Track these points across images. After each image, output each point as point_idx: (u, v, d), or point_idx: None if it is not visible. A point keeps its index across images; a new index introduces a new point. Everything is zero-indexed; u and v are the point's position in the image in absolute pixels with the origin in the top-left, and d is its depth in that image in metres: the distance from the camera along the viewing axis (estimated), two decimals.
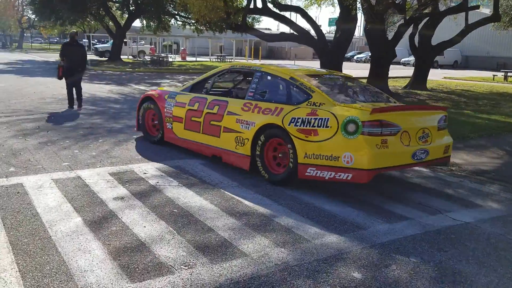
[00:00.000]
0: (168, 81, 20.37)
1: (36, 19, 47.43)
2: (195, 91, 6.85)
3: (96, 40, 63.95)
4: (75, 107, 10.77)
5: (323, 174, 4.96)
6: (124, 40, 38.77)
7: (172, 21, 35.21)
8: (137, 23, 41.87)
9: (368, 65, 20.80)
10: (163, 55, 36.34)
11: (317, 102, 5.17)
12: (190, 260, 3.43)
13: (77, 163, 5.96)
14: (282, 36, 20.18)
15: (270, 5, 18.91)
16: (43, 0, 31.95)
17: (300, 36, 18.64)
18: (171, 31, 37.45)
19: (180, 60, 40.70)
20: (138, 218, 4.19)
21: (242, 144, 5.74)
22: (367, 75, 17.50)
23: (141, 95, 8.16)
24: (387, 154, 4.79)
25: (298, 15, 18.84)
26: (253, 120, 5.62)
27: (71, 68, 10.34)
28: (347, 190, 5.34)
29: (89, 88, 15.33)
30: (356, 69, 33.79)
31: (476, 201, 5.25)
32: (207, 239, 3.81)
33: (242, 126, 5.75)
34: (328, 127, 4.89)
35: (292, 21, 19.07)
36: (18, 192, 4.73)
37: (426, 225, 4.38)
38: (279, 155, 5.49)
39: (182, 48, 46.38)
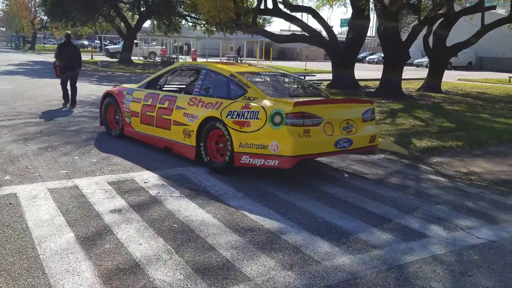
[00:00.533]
0: None
1: (48, 20, 47.61)
2: (150, 88, 7.34)
3: (108, 41, 64.26)
4: (68, 105, 11.25)
5: (255, 162, 5.45)
6: (135, 41, 38.76)
7: (183, 22, 35.05)
8: (148, 24, 41.88)
9: (380, 66, 20.35)
10: (173, 56, 36.25)
11: (251, 97, 5.69)
12: (187, 284, 3.12)
13: (76, 171, 5.70)
14: (292, 37, 19.83)
15: (281, 6, 18.61)
16: (55, 1, 31.97)
17: (311, 37, 18.29)
18: (182, 32, 37.26)
19: (191, 61, 40.54)
20: (134, 234, 3.89)
21: (189, 136, 6.23)
22: (379, 77, 17.09)
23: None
24: (309, 142, 5.28)
25: (310, 16, 18.47)
26: (197, 113, 6.11)
27: (67, 66, 10.90)
28: (361, 204, 5.00)
29: (96, 90, 15.15)
30: (368, 70, 33.32)
31: (499, 215, 4.87)
32: (207, 260, 3.49)
33: (188, 119, 6.24)
34: (258, 119, 5.39)
35: (303, 22, 18.73)
36: (10, 203, 4.47)
37: (447, 244, 4.02)
38: (220, 145, 5.94)
39: (193, 49, 46.26)
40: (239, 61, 42.06)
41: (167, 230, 4.03)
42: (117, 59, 35.16)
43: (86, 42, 74.67)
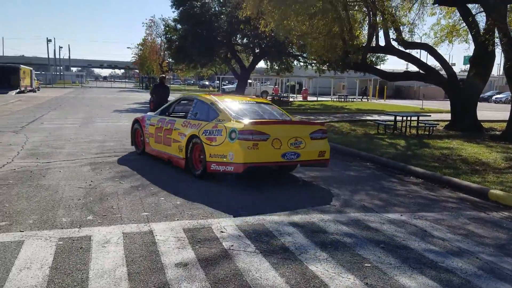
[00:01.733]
0: None
1: (173, 62, 51.85)
2: (161, 114, 9.24)
3: (227, 82, 67.94)
4: None
5: (219, 168, 7.00)
6: (249, 81, 40.21)
7: (295, 62, 35.51)
8: (262, 64, 43.30)
9: (508, 106, 18.05)
10: (283, 95, 36.67)
11: (221, 119, 7.33)
12: None
13: (156, 214, 5.51)
14: (406, 75, 18.63)
15: (394, 43, 17.65)
16: (178, 45, 34.74)
17: (427, 74, 16.93)
18: (294, 72, 37.77)
19: (301, 100, 40.69)
20: None
21: (181, 150, 7.92)
22: (507, 118, 15.03)
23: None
24: (257, 153, 6.74)
25: (425, 52, 17.20)
26: (185, 132, 7.86)
27: (159, 103, 12.11)
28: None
29: None
30: (495, 110, 30.11)
31: None
32: None
33: (181, 137, 7.98)
34: (221, 135, 7.02)
35: (418, 59, 17.51)
36: (81, 248, 4.35)
37: None
38: (201, 156, 7.43)
39: (304, 88, 46.51)
40: (363, 100, 41.20)
41: None
42: None
43: (207, 83, 79.97)
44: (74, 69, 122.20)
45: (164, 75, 14.13)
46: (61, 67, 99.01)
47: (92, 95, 42.46)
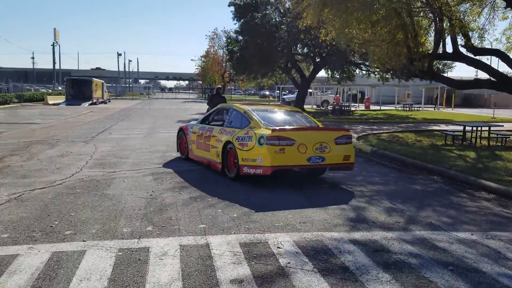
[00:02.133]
0: None
1: (234, 73, 52.72)
2: (202, 123, 10.19)
3: (287, 91, 68.01)
4: None
5: (250, 171, 7.70)
6: (309, 90, 39.91)
7: (357, 70, 34.79)
8: (323, 73, 42.85)
9: None
10: (345, 104, 36.00)
11: (252, 126, 8.11)
12: None
13: (214, 226, 5.49)
14: (477, 83, 17.54)
15: (462, 49, 16.71)
16: (239, 56, 35.25)
17: (499, 82, 15.88)
18: (355, 80, 36.99)
19: (364, 109, 39.73)
20: None
21: (218, 155, 8.70)
22: None
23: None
24: (284, 157, 7.42)
25: (496, 59, 16.15)
26: (221, 139, 8.64)
27: None
28: None
29: None
30: None
31: None
32: None
33: (218, 143, 8.76)
34: (251, 141, 7.75)
35: (489, 66, 16.47)
36: (139, 259, 4.39)
37: None
38: (234, 160, 8.13)
39: (366, 97, 45.42)
40: (435, 109, 39.79)
41: None
42: None
43: (267, 92, 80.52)
44: (142, 81, 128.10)
45: (220, 86, 14.57)
46: (130, 80, 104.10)
47: (158, 106, 44.05)
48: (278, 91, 64.85)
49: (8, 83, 50.17)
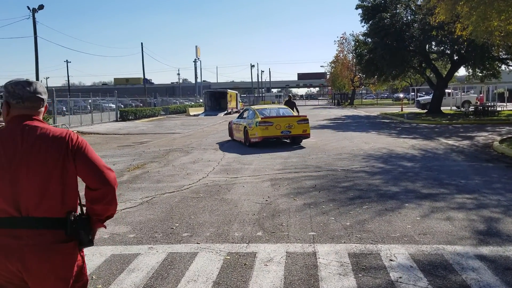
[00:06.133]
0: (485, 133, 17.60)
1: (363, 77, 51.27)
2: (238, 118, 16.93)
3: (423, 93, 63.87)
4: None
5: (253, 140, 14.48)
6: (446, 90, 36.91)
7: (503, 66, 31.18)
8: (463, 71, 39.26)
9: None
10: (489, 104, 32.50)
11: (256, 117, 14.73)
12: None
13: (323, 234, 5.33)
14: None
15: None
16: (368, 59, 34.21)
17: None
18: (501, 78, 33.14)
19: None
20: None
21: (241, 133, 15.52)
22: None
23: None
24: (268, 131, 14.28)
25: None
26: (242, 125, 15.49)
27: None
28: None
29: (390, 143, 14.80)
30: None
31: None
32: None
33: (241, 127, 15.70)
34: (253, 124, 14.53)
35: None
36: (245, 264, 4.46)
37: None
38: (248, 136, 14.77)
39: None
40: None
41: None
42: (425, 111, 34.14)
43: (401, 95, 76.57)
44: (274, 90, 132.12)
45: (291, 94, 22.10)
46: (262, 89, 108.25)
47: None
48: (412, 93, 61.24)
49: (156, 97, 56.01)
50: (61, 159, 2.17)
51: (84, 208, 2.32)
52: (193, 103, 63.04)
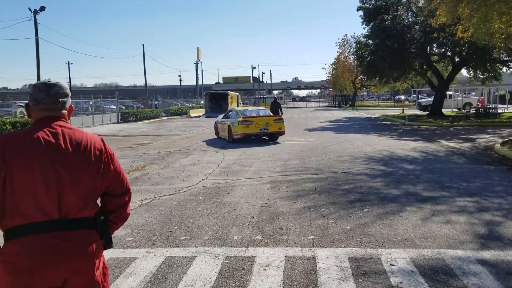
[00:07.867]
0: (487, 136, 17.52)
1: (364, 78, 51.22)
2: (223, 118, 18.93)
3: (425, 95, 63.76)
4: None
5: (236, 137, 16.85)
6: (448, 92, 36.85)
7: (504, 69, 31.10)
8: (465, 73, 39.15)
9: None
10: (491, 106, 32.44)
11: (238, 117, 17.03)
12: None
13: (323, 238, 5.27)
14: None
15: None
16: (369, 61, 34.13)
17: None
18: (502, 80, 33.06)
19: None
20: None
21: (225, 132, 17.85)
22: None
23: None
24: (248, 129, 16.61)
25: None
26: (226, 124, 17.85)
27: (273, 113, 19.29)
28: None
29: (392, 145, 14.74)
30: None
31: None
32: None
33: (225, 126, 17.99)
34: (236, 123, 16.89)
35: None
36: (243, 269, 4.40)
37: None
38: (231, 133, 17.28)
39: None
40: None
41: None
42: (427, 112, 34.06)
43: (402, 97, 76.46)
44: (275, 91, 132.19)
45: (276, 96, 20.14)
46: (263, 91, 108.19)
47: (288, 115, 44.76)
48: (414, 95, 61.15)
49: (158, 99, 56.02)
50: (101, 163, 2.23)
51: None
52: (194, 104, 63.04)
